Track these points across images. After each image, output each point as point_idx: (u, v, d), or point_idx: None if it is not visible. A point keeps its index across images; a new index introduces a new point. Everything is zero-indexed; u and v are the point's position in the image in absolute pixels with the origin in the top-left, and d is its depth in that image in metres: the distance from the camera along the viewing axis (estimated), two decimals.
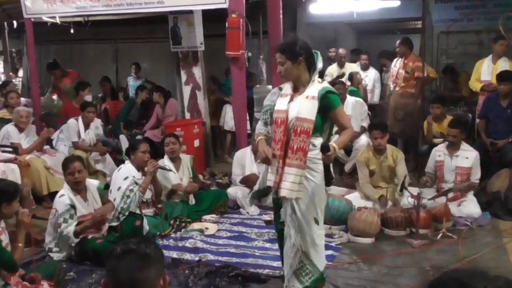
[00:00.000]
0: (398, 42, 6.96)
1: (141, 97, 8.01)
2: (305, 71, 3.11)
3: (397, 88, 6.95)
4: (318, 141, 3.09)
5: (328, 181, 3.17)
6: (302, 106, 3.06)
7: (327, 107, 3.06)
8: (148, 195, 4.88)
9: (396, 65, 7.12)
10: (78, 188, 4.22)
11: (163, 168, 5.07)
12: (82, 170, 4.24)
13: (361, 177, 5.38)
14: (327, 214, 4.78)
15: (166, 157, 5.44)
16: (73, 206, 4.13)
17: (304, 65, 3.09)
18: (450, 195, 4.91)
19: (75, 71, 9.14)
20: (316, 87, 3.09)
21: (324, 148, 2.97)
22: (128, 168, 4.81)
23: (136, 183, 4.69)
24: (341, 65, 7.86)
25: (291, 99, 3.14)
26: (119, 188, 4.62)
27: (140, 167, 4.85)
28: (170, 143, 5.39)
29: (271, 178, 3.16)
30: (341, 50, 7.91)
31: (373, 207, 4.89)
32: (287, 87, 3.22)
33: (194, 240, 4.63)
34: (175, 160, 5.43)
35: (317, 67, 3.13)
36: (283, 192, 3.07)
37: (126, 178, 4.68)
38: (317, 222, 3.13)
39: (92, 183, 4.44)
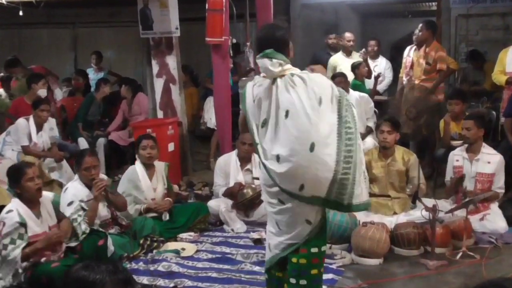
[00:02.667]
0: (420, 25, 6.90)
1: (104, 91, 7.96)
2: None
3: (416, 81, 6.97)
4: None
5: None
6: None
7: None
8: (106, 214, 4.79)
9: (410, 54, 7.13)
10: (36, 198, 4.18)
11: (110, 192, 4.81)
12: (39, 176, 4.27)
13: None
14: (327, 230, 4.78)
15: (138, 162, 5.43)
16: (23, 225, 4.07)
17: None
18: (471, 207, 4.95)
19: (40, 66, 9.02)
20: None
21: None
22: (75, 188, 4.67)
23: (84, 209, 4.56)
24: (347, 53, 7.86)
25: None
26: None
27: (89, 185, 4.70)
28: (148, 147, 5.38)
29: None
30: (347, 35, 7.89)
31: (381, 222, 4.91)
32: None
33: (169, 263, 4.61)
34: (149, 167, 5.43)
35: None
36: None
37: (70, 204, 4.55)
38: None
39: (46, 196, 4.39)
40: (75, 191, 4.65)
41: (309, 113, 3.00)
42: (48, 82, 8.01)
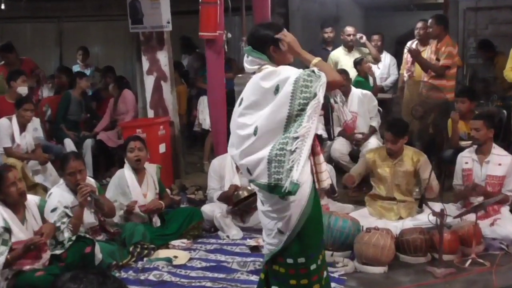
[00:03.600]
0: (430, 21, 6.90)
1: (80, 87, 7.86)
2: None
3: (425, 78, 6.99)
4: None
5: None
6: None
7: None
8: (92, 220, 4.79)
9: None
10: (19, 203, 4.18)
11: (95, 198, 4.72)
12: (21, 180, 4.24)
13: (354, 168, 5.76)
14: (328, 237, 4.80)
15: (127, 166, 5.40)
16: (7, 230, 4.06)
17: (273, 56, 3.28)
18: (481, 212, 4.95)
19: (30, 58, 8.99)
20: None
21: None
22: (60, 194, 4.65)
23: (68, 215, 4.55)
24: (349, 49, 7.85)
25: None
26: None
27: (75, 190, 4.66)
28: (136, 149, 5.35)
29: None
30: (348, 29, 7.90)
31: (385, 228, 4.91)
32: None
33: (160, 271, 4.60)
34: (139, 170, 5.40)
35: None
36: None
37: (54, 210, 4.52)
38: None
39: (31, 200, 4.38)
40: (59, 196, 4.63)
41: (256, 101, 3.15)
42: (39, 75, 7.98)
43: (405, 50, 7.29)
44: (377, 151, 5.58)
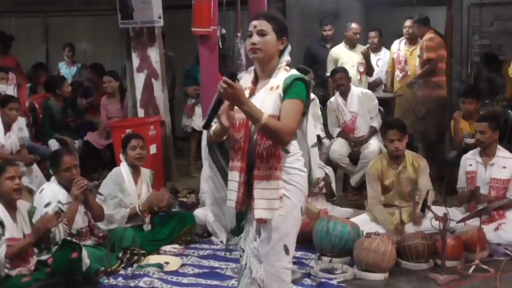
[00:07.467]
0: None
1: (64, 93, 7.78)
2: (277, 56, 3.19)
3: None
4: (292, 145, 3.15)
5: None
6: (266, 101, 3.09)
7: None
8: (82, 222, 4.82)
9: (400, 48, 7.35)
10: (13, 200, 4.27)
11: (91, 190, 4.88)
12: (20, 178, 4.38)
13: (371, 195, 5.39)
14: (327, 242, 4.81)
15: (124, 164, 5.44)
16: (1, 223, 4.14)
17: (281, 49, 3.18)
18: (485, 216, 4.97)
19: (13, 56, 8.98)
20: (282, 75, 3.15)
21: (231, 76, 2.92)
22: (52, 190, 4.72)
23: (62, 211, 4.60)
24: (351, 45, 7.87)
25: (252, 94, 3.17)
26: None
27: (68, 187, 4.75)
28: (138, 147, 5.43)
29: (232, 197, 3.17)
30: (354, 26, 7.91)
31: (386, 233, 4.93)
32: (246, 79, 3.25)
33: (150, 278, 4.60)
34: (135, 170, 5.46)
35: (286, 53, 3.21)
36: (260, 214, 3.07)
37: (48, 205, 4.59)
38: (287, 251, 3.14)
39: (23, 204, 4.48)
40: (52, 192, 4.70)
41: None
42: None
43: (393, 50, 7.53)
44: (379, 161, 5.50)
